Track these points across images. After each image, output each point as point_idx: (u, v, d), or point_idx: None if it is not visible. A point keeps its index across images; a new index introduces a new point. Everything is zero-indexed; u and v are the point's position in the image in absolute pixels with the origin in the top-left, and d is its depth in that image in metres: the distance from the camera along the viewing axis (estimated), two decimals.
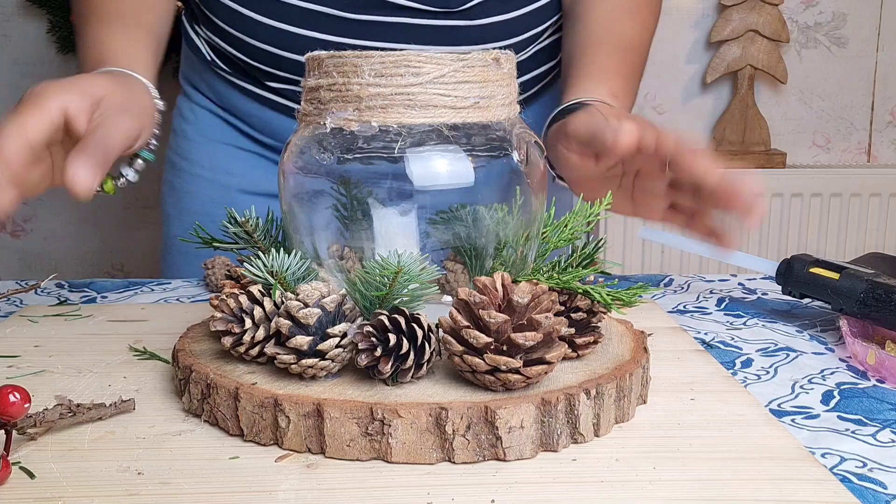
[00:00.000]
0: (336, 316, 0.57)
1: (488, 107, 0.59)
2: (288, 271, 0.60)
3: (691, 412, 0.59)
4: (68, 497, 0.48)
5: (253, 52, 0.98)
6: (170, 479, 0.50)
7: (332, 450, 0.52)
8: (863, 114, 2.47)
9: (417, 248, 0.59)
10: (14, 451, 0.53)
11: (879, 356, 0.67)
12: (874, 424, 0.59)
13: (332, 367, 0.56)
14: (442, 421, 0.51)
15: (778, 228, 2.39)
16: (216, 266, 0.90)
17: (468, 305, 0.55)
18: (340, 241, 0.62)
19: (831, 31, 2.41)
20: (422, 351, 0.55)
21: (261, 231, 0.69)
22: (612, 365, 0.59)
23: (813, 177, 2.37)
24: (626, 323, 0.68)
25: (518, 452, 0.52)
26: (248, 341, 0.58)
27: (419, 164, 0.57)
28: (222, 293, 0.62)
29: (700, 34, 2.38)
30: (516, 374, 0.53)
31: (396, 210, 0.59)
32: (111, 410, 0.58)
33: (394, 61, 0.56)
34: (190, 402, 0.59)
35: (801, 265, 0.80)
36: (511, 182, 0.60)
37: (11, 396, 0.51)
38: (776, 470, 0.51)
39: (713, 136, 2.39)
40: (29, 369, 0.68)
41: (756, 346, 0.75)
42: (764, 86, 2.41)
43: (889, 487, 0.51)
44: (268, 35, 0.96)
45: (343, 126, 0.58)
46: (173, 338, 0.70)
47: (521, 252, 0.62)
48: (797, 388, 0.66)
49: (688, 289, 0.94)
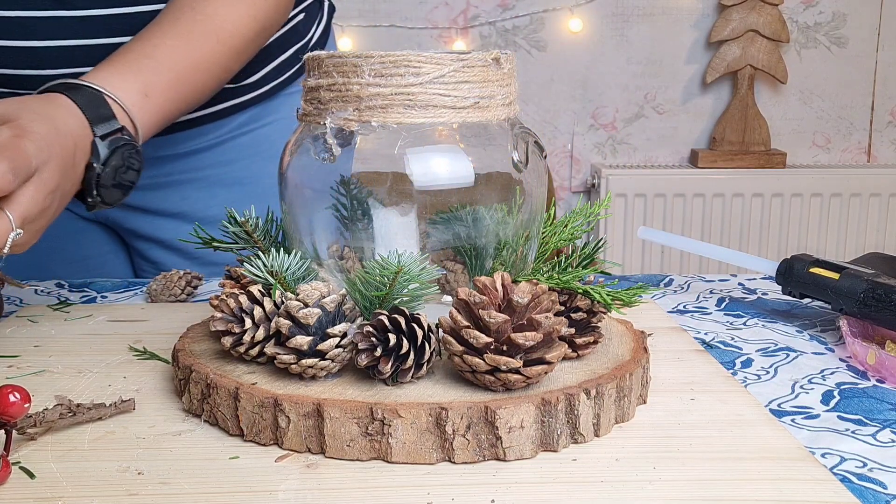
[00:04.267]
0: (336, 316, 0.57)
1: (488, 107, 0.59)
2: (288, 271, 0.60)
3: (691, 412, 0.59)
4: (68, 497, 0.48)
5: None
6: (170, 479, 0.50)
7: (332, 450, 0.52)
8: (863, 114, 2.47)
9: (417, 248, 0.59)
10: (14, 451, 0.53)
11: (879, 356, 0.67)
12: (874, 424, 0.59)
13: (332, 367, 0.56)
14: (442, 421, 0.51)
15: (778, 228, 2.39)
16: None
17: (468, 305, 0.55)
18: (340, 241, 0.62)
19: (831, 31, 2.41)
20: (422, 351, 0.55)
21: (261, 231, 0.69)
22: (612, 365, 0.59)
23: (813, 177, 2.37)
24: (626, 323, 0.68)
25: (518, 452, 0.52)
26: (248, 341, 0.58)
27: (419, 164, 0.57)
28: (222, 293, 0.62)
29: (700, 34, 2.38)
30: (516, 374, 0.53)
31: (396, 210, 0.59)
32: (111, 410, 0.58)
33: (394, 61, 0.56)
34: (190, 402, 0.59)
35: (801, 265, 0.80)
36: (511, 182, 0.60)
37: (11, 396, 0.51)
38: (776, 470, 0.51)
39: (713, 136, 2.39)
40: (29, 369, 0.68)
41: (756, 346, 0.75)
42: (764, 86, 2.41)
43: (889, 487, 0.51)
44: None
45: (343, 126, 0.58)
46: (173, 338, 0.70)
47: (521, 252, 0.62)
48: (797, 388, 0.66)
49: (688, 289, 0.94)
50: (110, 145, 0.73)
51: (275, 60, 1.02)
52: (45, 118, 0.68)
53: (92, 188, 0.74)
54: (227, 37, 0.85)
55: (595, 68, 2.38)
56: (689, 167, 2.40)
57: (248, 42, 0.88)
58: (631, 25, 2.36)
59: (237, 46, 0.86)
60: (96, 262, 1.07)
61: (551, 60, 2.36)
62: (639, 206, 2.35)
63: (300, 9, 1.05)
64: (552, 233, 0.68)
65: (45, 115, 0.69)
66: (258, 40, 0.90)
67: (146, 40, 0.81)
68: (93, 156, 0.73)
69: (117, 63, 0.78)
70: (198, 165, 1.02)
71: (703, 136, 2.44)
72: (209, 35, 0.83)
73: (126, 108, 0.76)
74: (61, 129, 0.69)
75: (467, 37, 2.34)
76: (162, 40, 0.81)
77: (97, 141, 0.73)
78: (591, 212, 0.69)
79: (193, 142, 1.01)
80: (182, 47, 0.81)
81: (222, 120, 1.01)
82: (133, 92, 0.77)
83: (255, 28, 0.88)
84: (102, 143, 0.73)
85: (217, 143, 1.02)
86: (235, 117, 1.02)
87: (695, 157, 2.39)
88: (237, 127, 1.03)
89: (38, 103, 0.70)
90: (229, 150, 1.03)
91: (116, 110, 0.75)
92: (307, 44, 1.07)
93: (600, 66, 2.38)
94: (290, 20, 1.03)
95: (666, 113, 2.42)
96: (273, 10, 0.90)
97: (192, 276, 0.90)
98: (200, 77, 0.84)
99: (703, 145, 2.44)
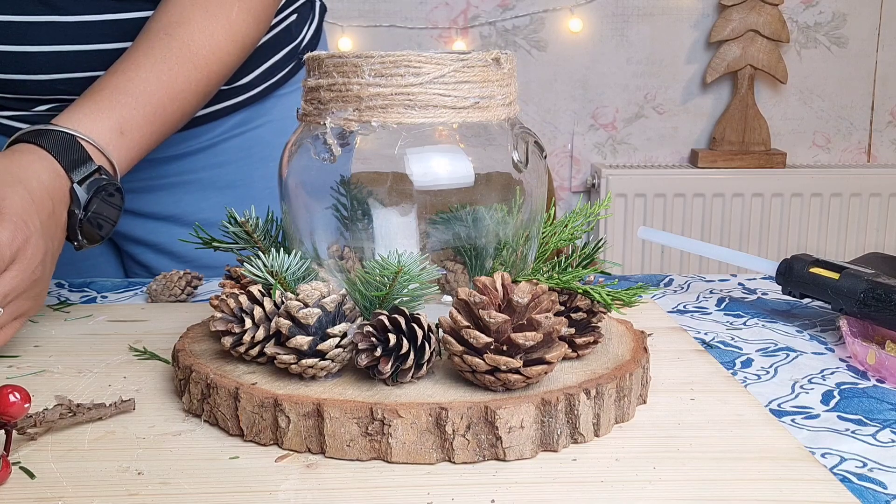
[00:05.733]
0: (336, 316, 0.57)
1: (488, 107, 0.59)
2: (288, 271, 0.60)
3: (691, 412, 0.59)
4: (68, 497, 0.48)
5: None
6: (170, 479, 0.50)
7: (332, 450, 0.52)
8: (863, 114, 2.47)
9: (417, 248, 0.59)
10: (14, 451, 0.53)
11: (879, 356, 0.67)
12: (874, 424, 0.59)
13: (332, 367, 0.56)
14: (442, 421, 0.51)
15: (778, 228, 2.39)
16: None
17: (468, 305, 0.55)
18: (340, 241, 0.62)
19: (831, 31, 2.41)
20: (422, 351, 0.55)
21: (261, 231, 0.69)
22: (612, 365, 0.59)
23: (813, 177, 2.37)
24: (626, 323, 0.68)
25: (518, 452, 0.52)
26: (248, 341, 0.58)
27: (419, 164, 0.57)
28: (222, 293, 0.62)
29: (700, 34, 2.38)
30: (516, 374, 0.53)
31: (396, 210, 0.59)
32: (111, 410, 0.58)
33: (394, 61, 0.56)
34: (190, 402, 0.59)
35: (801, 265, 0.80)
36: (511, 182, 0.60)
37: (11, 396, 0.51)
38: (776, 470, 0.51)
39: (713, 136, 2.39)
40: (29, 369, 0.68)
41: (756, 346, 0.75)
42: (764, 86, 2.41)
43: (889, 487, 0.51)
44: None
45: (343, 126, 0.58)
46: (173, 338, 0.70)
47: (521, 252, 0.62)
48: (797, 388, 0.66)
49: (688, 289, 0.94)
50: (89, 188, 0.73)
51: (267, 62, 1.02)
52: (15, 185, 0.67)
53: (76, 233, 0.73)
54: (204, 62, 0.83)
55: (595, 68, 2.38)
56: (689, 167, 2.40)
57: (227, 64, 0.86)
58: (631, 25, 2.36)
59: (215, 70, 0.85)
60: (86, 265, 1.07)
61: (551, 60, 2.37)
62: (639, 206, 2.36)
63: (292, 9, 1.04)
64: (552, 233, 0.68)
65: (14, 181, 0.68)
66: (237, 60, 0.88)
67: (121, 73, 0.79)
68: (73, 203, 0.72)
69: (90, 102, 0.77)
70: (190, 168, 1.02)
71: (703, 136, 2.44)
72: (185, 62, 0.81)
73: (100, 148, 0.75)
74: (35, 190, 0.68)
75: (467, 37, 2.34)
76: (136, 73, 0.79)
77: (75, 187, 0.72)
78: (591, 212, 0.69)
79: (186, 144, 1.00)
80: (157, 79, 0.80)
81: (215, 122, 1.01)
82: (107, 130, 0.76)
83: (233, 49, 0.86)
84: (81, 188, 0.72)
85: (210, 145, 1.02)
86: (228, 119, 1.02)
87: (695, 157, 2.39)
88: (230, 128, 1.02)
89: (4, 165, 0.69)
90: (222, 151, 1.02)
91: (91, 151, 0.74)
92: (299, 45, 1.06)
93: (600, 66, 2.38)
94: (282, 21, 1.03)
95: (666, 113, 2.42)
96: (252, 28, 0.88)
97: (192, 277, 0.90)
98: (178, 106, 0.82)
99: (703, 145, 2.44)
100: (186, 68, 0.82)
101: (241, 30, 0.86)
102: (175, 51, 0.81)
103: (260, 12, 0.88)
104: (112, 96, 0.77)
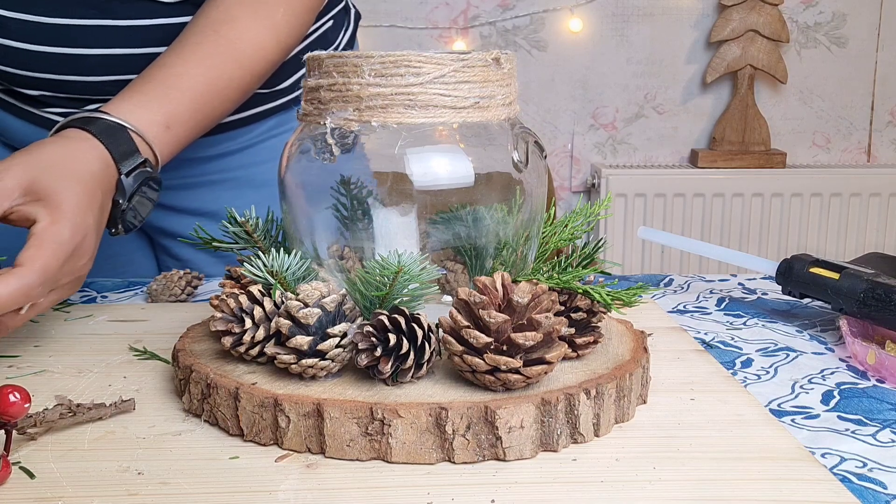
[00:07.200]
0: (336, 316, 0.57)
1: (488, 107, 0.59)
2: (288, 271, 0.60)
3: (691, 412, 0.59)
4: (68, 497, 0.48)
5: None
6: (170, 479, 0.50)
7: (332, 450, 0.52)
8: (863, 114, 2.47)
9: (417, 248, 0.59)
10: (14, 451, 0.53)
11: (879, 356, 0.67)
12: (874, 424, 0.59)
13: (332, 367, 0.56)
14: (442, 421, 0.51)
15: (778, 228, 2.39)
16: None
17: (468, 305, 0.55)
18: (340, 241, 0.62)
19: (831, 31, 2.41)
20: (422, 351, 0.55)
21: (261, 231, 0.69)
22: (612, 365, 0.59)
23: (813, 177, 2.37)
24: (626, 323, 0.68)
25: (518, 452, 0.52)
26: (248, 341, 0.58)
27: (419, 164, 0.57)
28: (222, 293, 0.62)
29: (700, 34, 2.38)
30: (516, 374, 0.53)
31: (396, 210, 0.59)
32: (111, 410, 0.58)
33: (394, 61, 0.56)
34: (190, 402, 0.59)
35: (801, 265, 0.80)
36: (511, 182, 0.60)
37: (11, 396, 0.51)
38: (776, 470, 0.51)
39: (713, 136, 2.39)
40: (29, 369, 0.68)
41: (756, 346, 0.75)
42: (764, 86, 2.41)
43: (889, 487, 0.51)
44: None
45: (343, 126, 0.58)
46: (173, 338, 0.70)
47: (521, 252, 0.62)
48: (797, 388, 0.66)
49: (688, 289, 0.94)
50: (135, 180, 0.74)
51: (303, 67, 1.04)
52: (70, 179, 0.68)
53: (116, 222, 0.75)
54: (249, 62, 0.84)
55: (595, 68, 2.38)
56: (689, 167, 2.40)
57: (270, 64, 0.88)
58: (631, 25, 2.36)
59: (258, 70, 0.86)
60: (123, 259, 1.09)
61: (551, 60, 2.36)
62: (639, 206, 2.36)
63: (329, 16, 1.06)
64: (552, 233, 0.68)
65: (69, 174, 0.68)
66: (279, 61, 0.90)
67: (168, 67, 0.80)
68: (118, 192, 0.73)
69: (140, 93, 0.78)
70: (228, 167, 1.04)
71: (703, 136, 2.44)
72: (231, 61, 0.83)
73: (148, 140, 0.76)
74: (88, 183, 0.69)
75: (467, 37, 2.34)
76: (185, 68, 0.80)
77: (122, 178, 0.73)
78: (591, 212, 0.69)
79: (223, 145, 1.03)
80: (203, 76, 0.81)
81: (253, 125, 1.03)
82: (155, 124, 0.77)
83: (276, 50, 0.87)
84: (128, 179, 0.73)
85: (246, 147, 1.04)
86: (265, 122, 1.03)
87: (695, 156, 2.39)
88: (266, 130, 1.04)
89: (58, 154, 0.70)
90: (258, 152, 1.05)
91: (139, 142, 0.75)
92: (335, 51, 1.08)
93: (600, 66, 2.38)
94: (319, 28, 1.04)
95: (666, 113, 2.42)
96: (295, 30, 0.89)
97: (192, 276, 0.90)
98: (219, 104, 0.84)
99: (703, 145, 2.44)
100: (231, 67, 0.83)
101: (285, 31, 0.87)
102: (221, 49, 0.82)
103: (303, 15, 0.89)
104: (160, 89, 0.79)
